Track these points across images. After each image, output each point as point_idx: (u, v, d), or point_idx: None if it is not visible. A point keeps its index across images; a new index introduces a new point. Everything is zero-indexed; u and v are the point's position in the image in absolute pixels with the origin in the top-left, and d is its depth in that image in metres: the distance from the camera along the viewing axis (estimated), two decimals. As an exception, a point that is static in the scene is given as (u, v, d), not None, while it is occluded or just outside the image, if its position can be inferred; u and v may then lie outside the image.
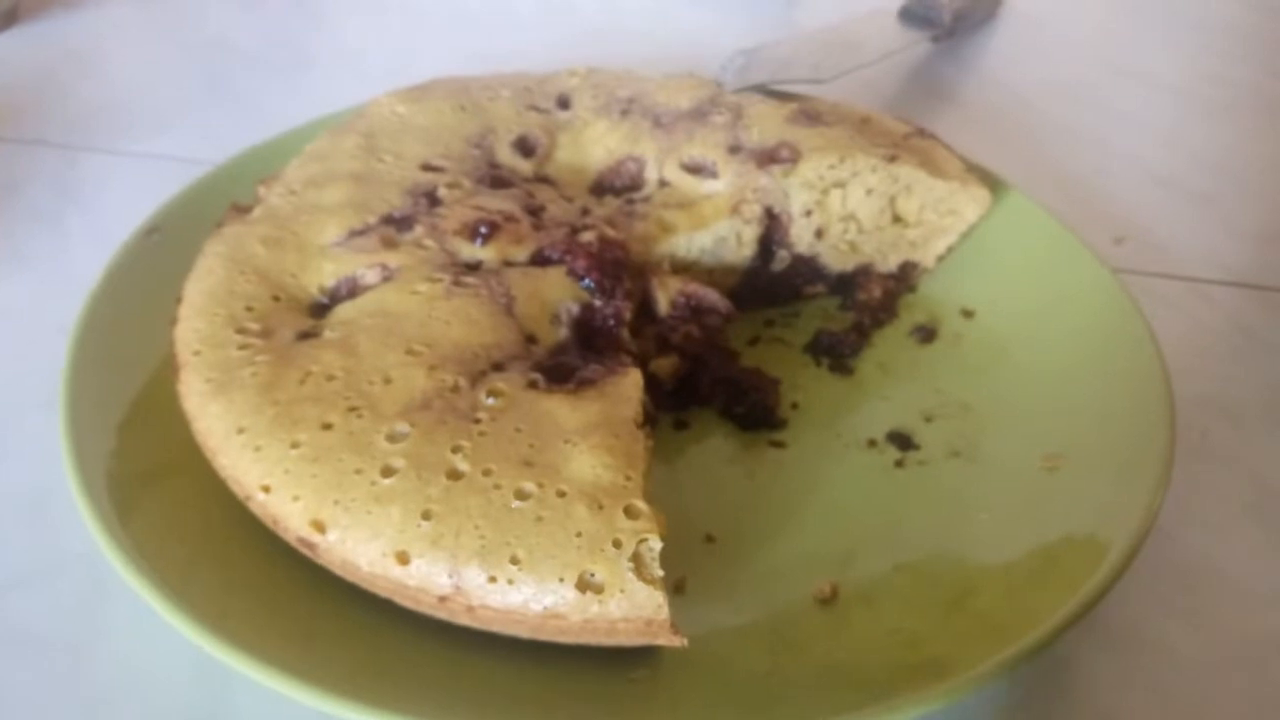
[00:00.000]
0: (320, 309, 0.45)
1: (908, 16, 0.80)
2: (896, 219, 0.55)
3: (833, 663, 0.39)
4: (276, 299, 0.45)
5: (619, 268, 0.47)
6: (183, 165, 0.69)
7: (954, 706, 0.39)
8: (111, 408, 0.45)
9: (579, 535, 0.35)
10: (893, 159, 0.53)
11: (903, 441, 0.49)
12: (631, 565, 0.34)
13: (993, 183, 0.56)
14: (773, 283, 0.55)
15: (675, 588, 0.41)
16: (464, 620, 0.35)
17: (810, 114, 0.55)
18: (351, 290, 0.45)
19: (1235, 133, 0.78)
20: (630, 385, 0.41)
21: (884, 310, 0.55)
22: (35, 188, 0.67)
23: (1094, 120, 0.79)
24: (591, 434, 0.38)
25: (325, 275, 0.46)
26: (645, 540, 0.35)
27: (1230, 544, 0.47)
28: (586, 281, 0.46)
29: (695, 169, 0.53)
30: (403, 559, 0.35)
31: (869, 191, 0.53)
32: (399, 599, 0.36)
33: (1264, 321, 0.60)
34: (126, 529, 0.38)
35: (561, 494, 0.36)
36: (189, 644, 0.36)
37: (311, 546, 0.37)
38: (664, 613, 0.34)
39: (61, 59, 0.82)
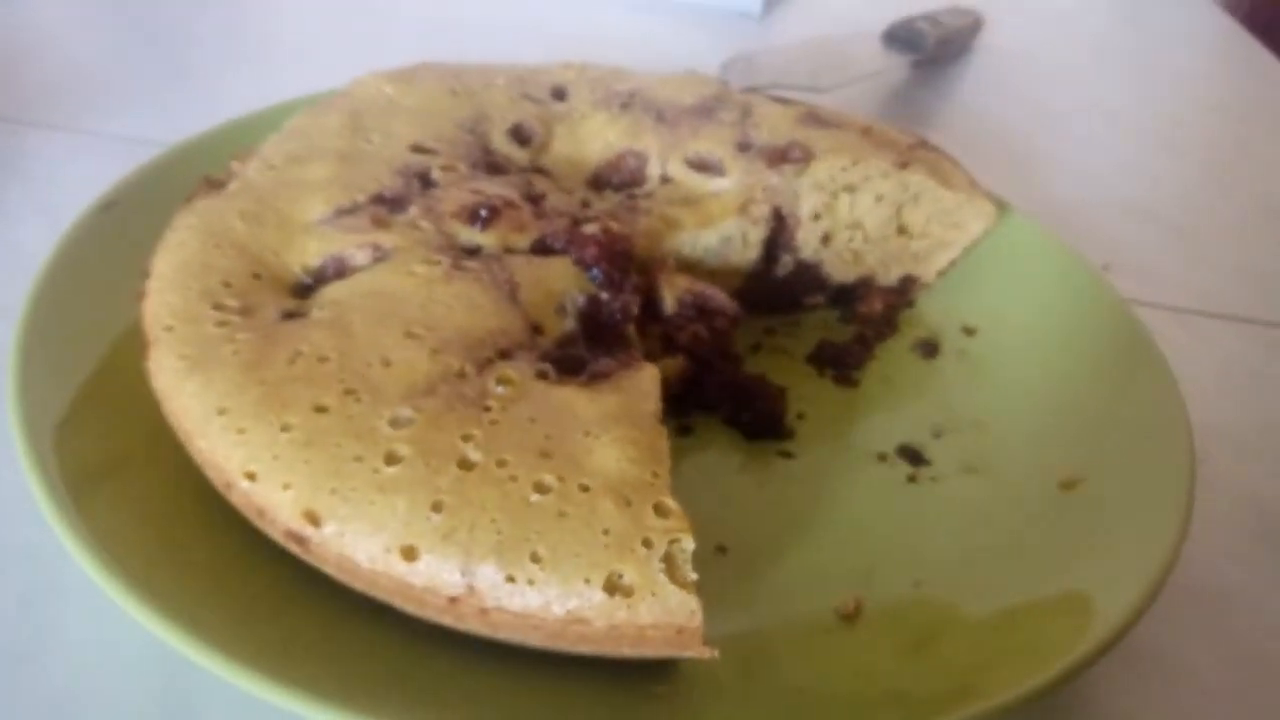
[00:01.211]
0: (304, 289, 0.42)
1: (891, 39, 0.79)
2: (902, 230, 0.54)
3: (859, 680, 0.36)
4: (257, 276, 0.41)
5: (627, 260, 0.44)
6: (136, 145, 0.64)
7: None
8: (64, 392, 0.40)
9: (606, 533, 0.32)
10: (905, 165, 0.51)
11: (914, 456, 0.47)
12: (663, 567, 0.31)
13: (994, 200, 0.55)
14: (774, 289, 0.53)
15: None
16: (474, 625, 0.32)
17: (818, 117, 0.53)
18: (339, 270, 0.42)
19: (1199, 170, 0.80)
20: (648, 380, 0.38)
21: (885, 324, 0.54)
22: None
23: (1068, 151, 0.79)
24: (613, 427, 0.35)
25: (310, 254, 0.42)
26: (678, 540, 0.32)
27: (1240, 566, 0.46)
28: (594, 272, 0.43)
29: (701, 166, 0.51)
30: (410, 554, 0.31)
31: (878, 198, 0.52)
32: (400, 601, 0.32)
33: (1246, 351, 0.60)
34: (88, 521, 0.34)
35: (585, 488, 0.33)
36: (152, 645, 0.33)
37: (302, 541, 0.33)
38: (697, 619, 0.31)
39: (14, 35, 0.77)
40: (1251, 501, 0.49)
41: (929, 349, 0.53)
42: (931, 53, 0.80)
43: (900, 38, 0.79)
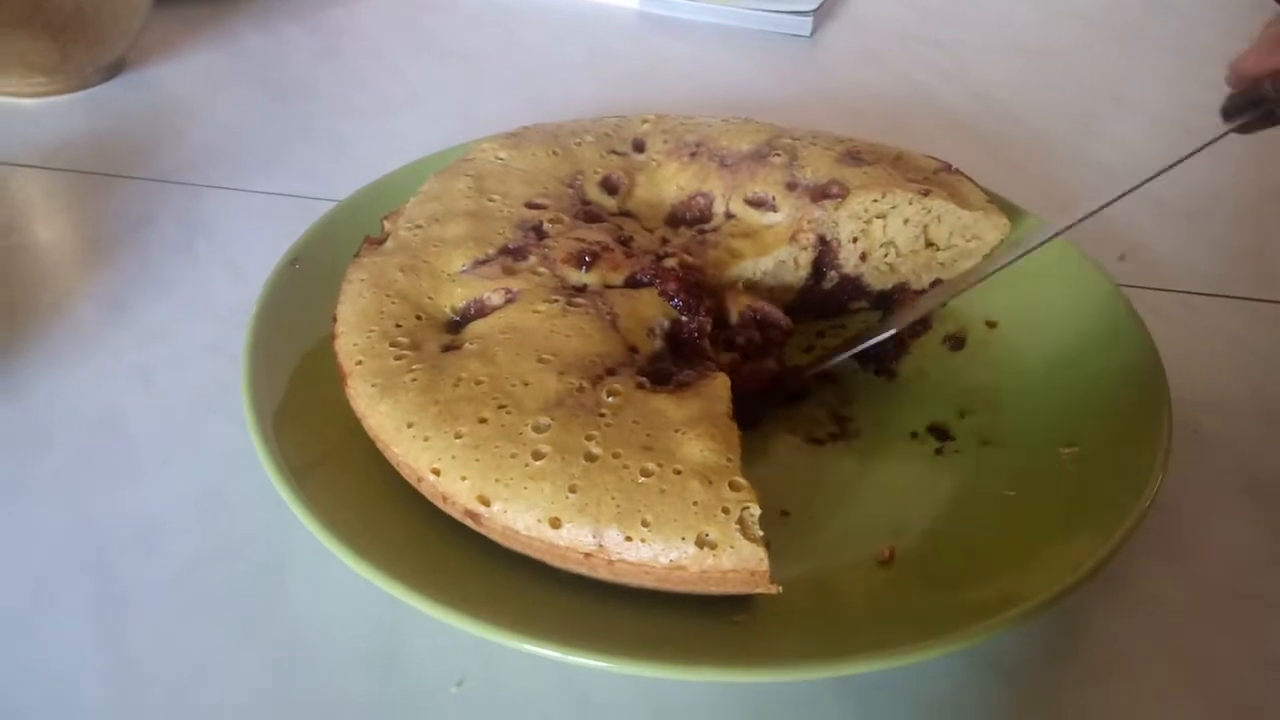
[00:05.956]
0: (454, 325, 0.54)
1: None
2: (929, 244, 0.64)
3: (890, 610, 0.47)
4: (419, 318, 0.54)
5: (700, 288, 0.56)
6: (290, 200, 0.78)
7: (994, 647, 0.47)
8: (275, 408, 0.53)
9: (695, 504, 0.44)
10: (926, 193, 0.61)
11: (940, 433, 0.57)
12: (738, 527, 0.43)
13: (1011, 210, 0.65)
14: (823, 299, 0.64)
15: (761, 552, 0.49)
16: (604, 574, 0.44)
17: (855, 155, 0.64)
18: (480, 310, 0.54)
19: (1220, 154, 0.87)
20: (720, 386, 0.50)
21: (919, 322, 0.64)
22: (167, 220, 0.76)
23: (1096, 147, 0.88)
24: (696, 425, 0.47)
25: (456, 298, 0.55)
26: (748, 508, 0.44)
27: (1220, 517, 0.55)
28: (675, 301, 0.54)
29: (757, 203, 0.62)
30: (555, 524, 0.44)
31: (906, 221, 0.62)
32: (549, 558, 0.45)
33: (1247, 329, 0.68)
34: (315, 503, 0.47)
35: (678, 472, 0.45)
36: (362, 599, 0.46)
37: (476, 517, 0.45)
38: (765, 564, 0.43)
39: (168, 104, 0.91)
40: (1237, 463, 0.58)
41: (957, 342, 0.63)
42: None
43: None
